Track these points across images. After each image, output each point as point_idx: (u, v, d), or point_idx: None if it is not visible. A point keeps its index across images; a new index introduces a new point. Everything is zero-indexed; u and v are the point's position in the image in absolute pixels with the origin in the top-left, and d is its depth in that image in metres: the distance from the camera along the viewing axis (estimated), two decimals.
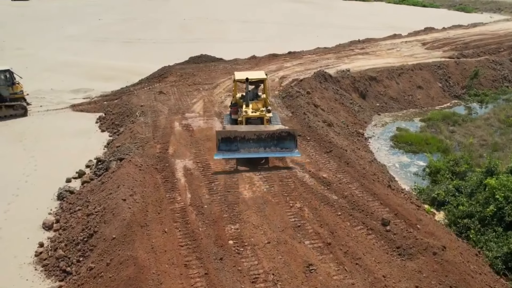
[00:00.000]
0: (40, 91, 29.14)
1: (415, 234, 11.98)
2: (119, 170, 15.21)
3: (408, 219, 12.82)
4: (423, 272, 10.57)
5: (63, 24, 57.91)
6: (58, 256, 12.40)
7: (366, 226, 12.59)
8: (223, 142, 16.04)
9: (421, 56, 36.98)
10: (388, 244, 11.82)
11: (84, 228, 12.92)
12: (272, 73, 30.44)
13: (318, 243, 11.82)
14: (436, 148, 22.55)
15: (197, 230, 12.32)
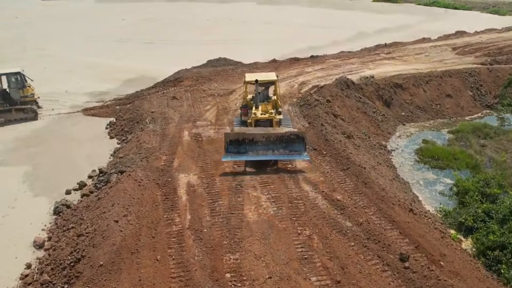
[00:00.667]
0: (54, 94, 28.60)
1: (437, 274, 10.53)
2: (116, 186, 14.19)
3: (431, 253, 11.36)
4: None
5: (87, 24, 57.80)
6: (43, 281, 11.41)
7: (382, 260, 11.18)
8: (231, 144, 15.84)
9: (451, 62, 34.93)
10: (406, 285, 10.41)
11: (72, 251, 11.90)
12: (292, 78, 29.10)
13: (326, 281, 10.49)
14: (465, 164, 20.80)
15: (192, 260, 11.14)
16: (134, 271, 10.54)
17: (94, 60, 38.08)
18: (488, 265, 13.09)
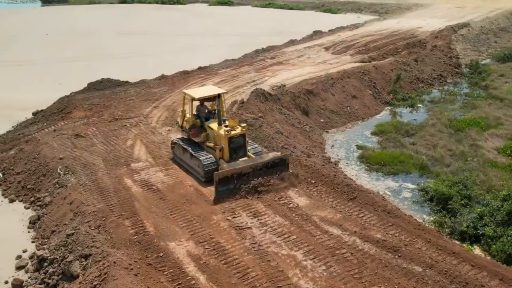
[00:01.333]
0: None
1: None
2: (109, 284, 9.85)
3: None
4: None
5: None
6: None
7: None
8: (221, 183, 14.37)
9: (334, 61, 35.77)
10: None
11: None
12: None
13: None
14: (413, 166, 20.74)
15: None
16: None
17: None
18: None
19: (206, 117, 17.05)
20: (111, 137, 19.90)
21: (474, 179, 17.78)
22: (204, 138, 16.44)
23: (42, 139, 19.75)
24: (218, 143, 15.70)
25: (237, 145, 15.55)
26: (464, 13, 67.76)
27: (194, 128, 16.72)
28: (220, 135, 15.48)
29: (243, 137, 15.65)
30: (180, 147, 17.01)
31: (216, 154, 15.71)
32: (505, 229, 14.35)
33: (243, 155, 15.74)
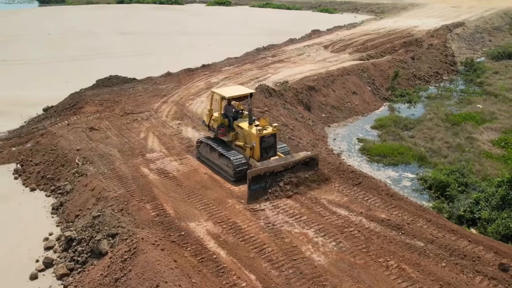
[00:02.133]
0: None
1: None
2: (138, 258, 10.78)
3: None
4: None
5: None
6: None
7: (485, 275, 10.56)
8: (254, 181, 14.29)
9: (334, 59, 36.78)
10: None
11: None
12: (206, 91, 26.97)
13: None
14: (412, 157, 21.75)
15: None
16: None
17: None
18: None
19: (234, 116, 17.00)
20: (124, 130, 20.79)
21: (470, 167, 18.80)
22: (233, 137, 16.40)
23: (57, 132, 20.61)
24: (249, 142, 15.67)
25: (268, 144, 15.54)
26: (459, 12, 68.98)
27: (222, 127, 16.71)
28: (252, 134, 15.44)
29: (274, 137, 15.65)
30: (207, 146, 16.94)
31: (246, 153, 15.71)
32: (499, 213, 15.32)
33: (273, 155, 15.74)
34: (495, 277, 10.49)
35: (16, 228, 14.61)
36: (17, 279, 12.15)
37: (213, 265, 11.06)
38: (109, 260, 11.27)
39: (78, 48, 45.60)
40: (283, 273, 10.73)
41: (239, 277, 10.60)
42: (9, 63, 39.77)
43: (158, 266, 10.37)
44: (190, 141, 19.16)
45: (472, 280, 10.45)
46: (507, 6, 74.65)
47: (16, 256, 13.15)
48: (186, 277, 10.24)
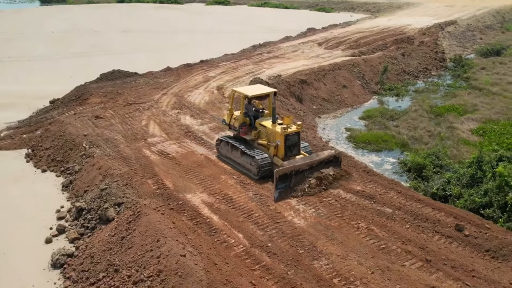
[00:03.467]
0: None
1: (495, 234, 11.92)
2: (141, 219, 12.42)
3: (472, 220, 12.77)
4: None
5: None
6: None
7: (443, 234, 12.20)
8: (281, 180, 14.32)
9: (326, 56, 38.39)
10: (477, 249, 11.59)
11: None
12: (203, 84, 28.63)
13: (418, 262, 11.06)
14: (395, 144, 23.37)
15: (287, 275, 10.59)
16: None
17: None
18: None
19: (254, 115, 17.02)
20: (127, 118, 22.42)
21: (445, 151, 20.42)
22: (255, 136, 16.44)
23: (65, 120, 22.23)
24: (273, 141, 15.67)
25: (292, 142, 15.59)
26: (453, 11, 70.60)
27: (244, 126, 16.76)
28: (277, 133, 15.47)
29: (298, 135, 15.72)
30: (228, 145, 16.95)
31: (270, 152, 15.75)
32: (468, 190, 16.94)
33: (297, 153, 15.76)
34: (451, 236, 12.12)
35: (31, 203, 16.19)
36: (35, 243, 13.73)
37: (207, 227, 12.70)
38: (116, 223, 12.91)
39: (80, 45, 47.22)
40: (267, 232, 12.38)
41: (229, 236, 12.24)
42: (14, 59, 41.36)
43: (159, 225, 12.01)
44: (188, 128, 20.81)
45: (431, 238, 12.08)
46: (500, 5, 76.27)
47: (32, 226, 14.72)
48: (183, 234, 11.87)
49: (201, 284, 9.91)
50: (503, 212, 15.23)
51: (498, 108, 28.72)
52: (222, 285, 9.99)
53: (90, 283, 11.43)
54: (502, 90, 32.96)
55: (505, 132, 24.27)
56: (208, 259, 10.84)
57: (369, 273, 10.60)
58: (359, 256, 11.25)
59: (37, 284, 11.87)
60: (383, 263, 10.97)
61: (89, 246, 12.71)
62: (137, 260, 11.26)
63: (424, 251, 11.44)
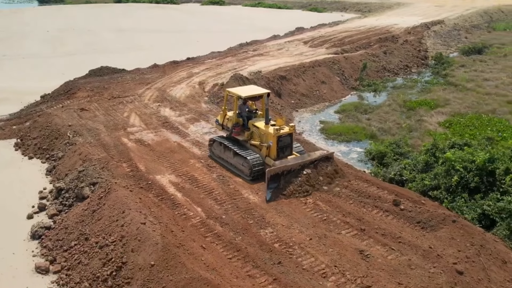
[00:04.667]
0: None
1: (427, 208, 13.32)
2: (111, 194, 13.85)
3: (410, 197, 14.17)
4: (455, 238, 11.91)
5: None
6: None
7: (381, 209, 13.60)
8: (272, 180, 14.60)
9: (310, 53, 39.80)
10: (409, 221, 12.98)
11: (105, 262, 11.60)
12: (186, 79, 30.05)
13: (354, 231, 12.47)
14: (364, 135, 24.77)
15: (235, 241, 12.02)
16: (194, 261, 10.98)
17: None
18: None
19: (248, 116, 17.15)
20: (111, 110, 23.85)
21: (406, 140, 21.83)
22: (248, 137, 16.60)
23: (52, 112, 23.66)
24: (265, 141, 15.80)
25: (285, 144, 15.74)
26: (442, 11, 71.99)
27: (237, 127, 16.94)
28: (269, 134, 15.63)
29: (290, 136, 15.90)
30: (221, 145, 17.10)
31: (262, 152, 15.92)
32: (421, 175, 18.34)
33: (289, 154, 15.92)
34: (388, 210, 13.54)
35: (17, 186, 17.60)
36: (17, 219, 15.14)
37: (170, 202, 14.13)
38: (89, 199, 14.35)
39: (74, 44, 48.70)
40: (223, 207, 13.81)
41: (188, 210, 13.67)
42: (9, 57, 42.80)
43: (126, 199, 13.45)
44: (166, 119, 22.26)
45: (370, 212, 13.51)
46: (488, 5, 77.71)
47: (17, 205, 16.08)
48: (147, 208, 13.31)
49: (157, 247, 11.34)
50: (449, 194, 16.75)
51: (469, 103, 30.11)
52: (175, 247, 11.42)
53: (63, 250, 12.87)
54: (476, 86, 34.36)
55: (469, 124, 25.65)
56: (166, 227, 12.27)
57: (307, 240, 12.02)
58: (301, 226, 12.68)
59: (17, 252, 13.29)
60: (322, 231, 12.40)
61: (65, 220, 14.15)
62: (104, 229, 12.69)
63: (361, 222, 12.85)
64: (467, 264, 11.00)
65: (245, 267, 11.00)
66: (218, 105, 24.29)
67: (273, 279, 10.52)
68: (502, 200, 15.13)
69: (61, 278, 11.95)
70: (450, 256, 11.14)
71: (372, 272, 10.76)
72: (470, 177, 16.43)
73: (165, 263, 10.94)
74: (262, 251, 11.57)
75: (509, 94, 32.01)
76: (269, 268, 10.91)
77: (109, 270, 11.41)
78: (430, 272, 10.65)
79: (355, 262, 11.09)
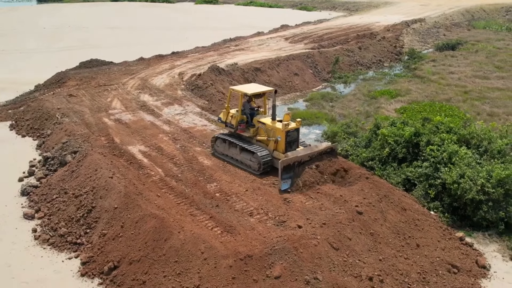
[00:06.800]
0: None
1: (352, 172, 16.05)
2: (87, 158, 16.65)
3: (347, 167, 16.88)
4: (364, 190, 14.66)
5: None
6: (63, 233, 13.77)
7: (311, 169, 16.32)
8: (285, 170, 15.11)
9: (288, 49, 42.55)
10: (333, 181, 15.72)
11: (78, 207, 14.40)
12: (168, 71, 32.82)
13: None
14: (325, 120, 27.52)
15: (185, 192, 14.80)
16: (149, 204, 13.76)
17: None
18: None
19: (251, 113, 17.69)
20: (96, 96, 26.65)
21: (355, 122, 24.59)
22: (253, 133, 17.14)
23: (44, 98, 26.45)
24: (273, 137, 16.47)
25: (293, 138, 16.48)
26: (425, 10, 74.69)
27: (242, 123, 17.39)
28: (278, 129, 16.25)
29: (297, 131, 16.70)
30: (224, 142, 17.57)
31: (269, 147, 16.53)
32: (363, 150, 21.09)
33: (296, 147, 16.67)
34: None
35: (11, 157, 20.37)
36: (9, 181, 17.89)
37: (137, 165, 16.92)
38: (70, 163, 17.14)
39: (70, 40, 51.51)
40: (180, 168, 16.61)
41: (151, 170, 16.46)
42: (7, 52, 45.58)
43: (99, 161, 16.27)
44: (144, 103, 25.05)
45: (301, 173, 16.23)
46: (472, 4, 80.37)
47: (11, 171, 18.84)
48: (117, 168, 16.11)
49: (120, 194, 14.14)
50: (381, 164, 19.52)
51: (428, 92, 32.87)
52: (135, 195, 14.21)
53: (46, 202, 15.66)
54: (440, 78, 37.12)
55: (422, 110, 28.37)
56: (130, 181, 15.07)
57: (243, 191, 14.80)
58: (241, 181, 15.46)
59: (9, 205, 16.06)
60: (257, 185, 15.18)
61: (49, 180, 16.93)
62: (80, 184, 15.50)
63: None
64: (368, 207, 13.76)
65: (189, 209, 13.78)
66: (193, 92, 27.07)
67: (210, 217, 13.29)
68: (421, 167, 17.92)
69: (44, 221, 14.73)
70: (355, 202, 13.89)
71: (289, 212, 13.52)
72: (399, 149, 19.20)
73: (126, 206, 13.73)
74: (205, 198, 14.35)
75: (468, 86, 34.80)
76: (208, 209, 13.68)
77: (81, 213, 14.22)
78: (335, 212, 13.41)
79: (277, 206, 13.85)
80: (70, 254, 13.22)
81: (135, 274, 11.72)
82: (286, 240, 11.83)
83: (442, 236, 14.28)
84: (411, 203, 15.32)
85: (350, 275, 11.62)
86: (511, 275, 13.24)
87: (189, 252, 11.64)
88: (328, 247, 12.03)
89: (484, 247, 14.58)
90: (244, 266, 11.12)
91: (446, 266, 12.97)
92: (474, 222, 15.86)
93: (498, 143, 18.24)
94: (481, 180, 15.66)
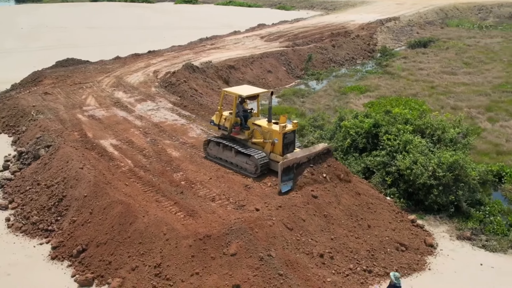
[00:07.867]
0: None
1: None
2: (59, 151, 17.36)
3: None
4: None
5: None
6: (35, 221, 14.50)
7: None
8: (284, 172, 14.80)
9: (263, 47, 43.52)
10: None
11: (50, 197, 15.13)
12: (144, 69, 33.51)
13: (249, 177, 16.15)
14: (295, 115, 28.53)
15: (152, 181, 15.63)
16: (117, 191, 14.56)
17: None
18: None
19: (244, 115, 17.25)
20: (71, 94, 27.25)
21: (322, 116, 25.65)
22: (249, 135, 16.76)
23: (19, 96, 26.97)
24: (269, 139, 16.12)
25: (289, 140, 16.17)
26: (400, 9, 76.34)
27: (236, 126, 17.08)
28: (275, 131, 15.89)
29: (293, 133, 16.38)
30: (218, 145, 17.16)
31: (266, 149, 16.19)
32: (327, 141, 22.14)
33: (293, 149, 16.31)
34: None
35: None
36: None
37: (108, 157, 17.68)
38: (43, 157, 17.83)
39: (47, 40, 51.76)
40: (149, 160, 17.42)
41: (121, 162, 17.24)
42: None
43: (71, 154, 17.00)
44: (118, 100, 25.74)
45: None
46: (446, 3, 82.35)
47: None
48: (87, 160, 16.87)
49: (89, 183, 14.93)
50: (343, 154, 20.58)
51: (396, 88, 34.15)
52: (104, 184, 15.00)
53: (20, 193, 16.35)
54: (409, 74, 38.47)
55: (387, 104, 29.51)
56: (100, 172, 15.86)
57: (208, 179, 15.69)
58: (206, 170, 16.35)
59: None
60: (221, 173, 16.08)
61: (23, 173, 17.61)
62: (52, 175, 16.22)
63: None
64: (323, 192, 14.77)
65: (155, 196, 14.62)
66: (166, 89, 27.85)
67: (174, 203, 14.14)
68: (379, 155, 19.03)
69: (17, 211, 15.43)
70: (312, 187, 14.88)
71: (249, 197, 14.45)
72: (359, 139, 20.30)
73: (95, 194, 14.52)
74: (171, 186, 15.20)
75: (436, 81, 36.22)
76: (173, 196, 14.54)
77: (53, 202, 14.96)
78: (292, 196, 14.38)
79: (238, 191, 14.77)
80: (41, 240, 13.96)
81: (101, 255, 12.55)
82: (243, 221, 12.77)
83: (394, 219, 15.35)
84: (366, 188, 16.39)
85: (302, 252, 12.60)
86: (455, 253, 14.36)
87: (152, 234, 12.51)
88: (282, 227, 12.99)
89: (434, 228, 15.69)
90: (203, 245, 12.02)
91: (394, 244, 14.04)
92: (427, 206, 17.05)
93: (451, 132, 19.47)
94: (432, 165, 16.83)
